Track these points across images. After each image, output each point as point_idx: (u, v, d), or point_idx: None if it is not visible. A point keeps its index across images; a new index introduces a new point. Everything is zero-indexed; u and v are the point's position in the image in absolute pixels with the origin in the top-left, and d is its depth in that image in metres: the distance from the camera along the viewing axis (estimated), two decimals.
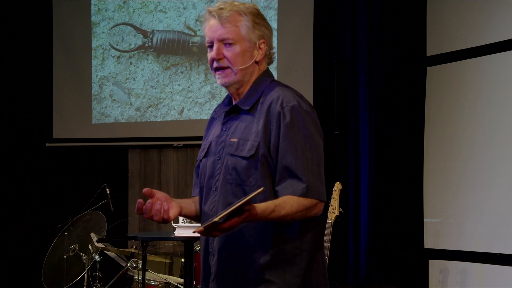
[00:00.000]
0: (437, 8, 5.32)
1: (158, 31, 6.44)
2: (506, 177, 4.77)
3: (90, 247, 4.96)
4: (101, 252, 4.96)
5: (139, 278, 4.64)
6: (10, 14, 6.79)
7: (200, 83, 6.28)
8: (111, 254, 5.04)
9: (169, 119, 6.38)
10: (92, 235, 4.91)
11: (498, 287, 4.76)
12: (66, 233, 5.27)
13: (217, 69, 2.32)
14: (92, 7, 6.68)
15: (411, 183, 5.37)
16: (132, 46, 6.53)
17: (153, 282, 4.84)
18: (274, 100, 2.27)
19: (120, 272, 4.87)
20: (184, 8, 6.35)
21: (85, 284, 5.19)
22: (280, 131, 2.22)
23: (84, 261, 5.00)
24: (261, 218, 2.10)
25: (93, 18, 6.67)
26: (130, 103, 6.51)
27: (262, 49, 2.34)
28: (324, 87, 5.74)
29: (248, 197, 1.99)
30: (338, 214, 4.28)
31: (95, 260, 4.91)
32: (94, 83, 6.63)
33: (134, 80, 6.50)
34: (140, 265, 4.55)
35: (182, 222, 4.22)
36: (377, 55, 5.42)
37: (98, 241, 4.81)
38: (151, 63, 6.46)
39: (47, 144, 6.77)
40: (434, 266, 5.24)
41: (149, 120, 6.45)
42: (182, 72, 6.35)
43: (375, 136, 5.39)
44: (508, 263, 4.71)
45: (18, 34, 6.80)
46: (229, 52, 2.29)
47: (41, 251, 5.47)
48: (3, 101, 6.77)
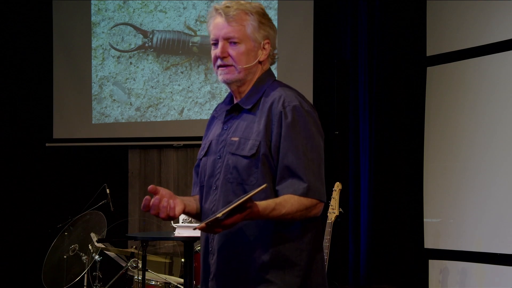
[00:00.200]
0: (437, 8, 5.32)
1: (158, 31, 6.44)
2: (506, 177, 4.77)
3: (90, 247, 4.95)
4: (101, 252, 4.96)
5: (139, 278, 4.64)
6: (10, 14, 6.79)
7: (200, 83, 6.28)
8: (111, 254, 5.03)
9: (169, 119, 6.38)
10: (92, 235, 4.90)
11: (498, 287, 4.76)
12: (66, 233, 5.27)
13: (220, 66, 2.32)
14: (92, 7, 6.68)
15: (411, 183, 5.37)
16: (132, 46, 6.52)
17: (153, 282, 4.84)
18: (276, 100, 2.27)
19: (120, 272, 4.87)
20: (184, 8, 6.35)
21: (85, 284, 5.19)
22: (282, 131, 2.23)
23: (84, 261, 5.00)
24: (262, 216, 2.10)
25: (93, 18, 6.67)
26: (130, 103, 6.51)
27: (266, 49, 2.34)
28: (324, 87, 5.74)
29: (251, 194, 2.00)
30: (338, 214, 4.28)
31: (95, 260, 4.91)
32: (94, 83, 6.63)
33: (134, 80, 6.50)
34: (140, 265, 4.55)
35: (182, 222, 4.22)
36: (377, 55, 5.42)
37: (98, 241, 4.80)
38: (151, 63, 6.46)
39: (47, 144, 6.77)
40: (434, 266, 5.24)
41: (149, 120, 6.45)
42: (182, 72, 6.35)
43: (375, 136, 5.40)
44: (508, 263, 4.71)
45: (18, 34, 6.80)
46: (234, 51, 2.29)
47: (41, 251, 5.47)
48: (3, 101, 6.77)
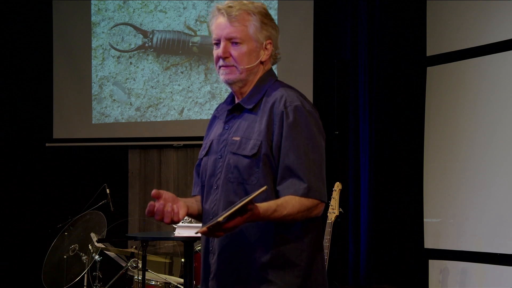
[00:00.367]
0: (437, 8, 5.32)
1: (158, 31, 6.44)
2: (506, 177, 4.77)
3: (90, 247, 4.95)
4: (101, 252, 4.96)
5: (139, 278, 4.64)
6: (10, 14, 6.79)
7: (200, 83, 6.28)
8: (111, 254, 5.03)
9: (169, 119, 6.38)
10: (92, 235, 4.90)
11: (498, 287, 4.76)
12: (66, 233, 5.27)
13: (222, 66, 2.31)
14: (92, 7, 6.68)
15: (411, 183, 5.37)
16: (132, 46, 6.52)
17: (153, 282, 4.84)
18: (278, 100, 2.27)
19: (120, 272, 4.87)
20: (184, 8, 6.35)
21: (85, 284, 5.18)
22: (283, 131, 2.22)
23: (84, 261, 5.00)
24: (263, 218, 2.10)
25: (93, 18, 6.67)
26: (130, 103, 6.51)
27: (268, 50, 2.35)
28: (324, 87, 5.74)
29: (251, 196, 1.99)
30: (338, 214, 4.28)
31: (95, 260, 4.91)
32: (94, 83, 6.63)
33: (134, 80, 6.50)
34: (140, 265, 4.55)
35: (182, 222, 4.21)
36: (377, 55, 5.42)
37: (98, 241, 4.80)
38: (151, 63, 6.46)
39: (47, 144, 6.76)
40: (434, 266, 5.24)
41: (149, 120, 6.45)
42: (182, 72, 6.35)
43: (375, 136, 5.39)
44: (508, 263, 4.71)
45: (18, 34, 6.80)
46: (236, 51, 2.29)
47: (41, 251, 5.46)
48: (3, 101, 6.77)
